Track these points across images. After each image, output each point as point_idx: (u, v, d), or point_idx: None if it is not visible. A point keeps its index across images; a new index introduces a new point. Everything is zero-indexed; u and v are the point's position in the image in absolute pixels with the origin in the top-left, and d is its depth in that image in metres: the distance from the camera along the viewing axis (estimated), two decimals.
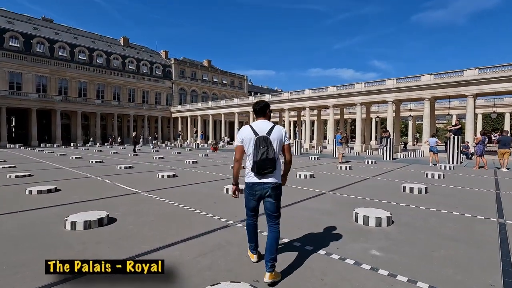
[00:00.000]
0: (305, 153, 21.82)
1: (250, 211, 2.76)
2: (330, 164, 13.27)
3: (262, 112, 2.71)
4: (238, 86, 64.53)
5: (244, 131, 2.66)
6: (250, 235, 2.85)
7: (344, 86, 29.11)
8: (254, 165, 2.53)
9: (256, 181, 2.58)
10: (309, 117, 32.36)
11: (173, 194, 6.14)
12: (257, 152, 2.50)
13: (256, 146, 2.52)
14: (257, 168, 2.51)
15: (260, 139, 2.53)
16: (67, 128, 41.19)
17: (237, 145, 2.67)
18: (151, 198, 5.68)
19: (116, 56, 47.43)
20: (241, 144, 2.64)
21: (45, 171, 9.98)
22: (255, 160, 2.51)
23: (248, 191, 2.66)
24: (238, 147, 2.67)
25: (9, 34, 37.39)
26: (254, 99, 37.50)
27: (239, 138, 2.66)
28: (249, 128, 2.65)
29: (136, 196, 5.88)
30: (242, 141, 2.64)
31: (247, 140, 2.60)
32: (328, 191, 6.61)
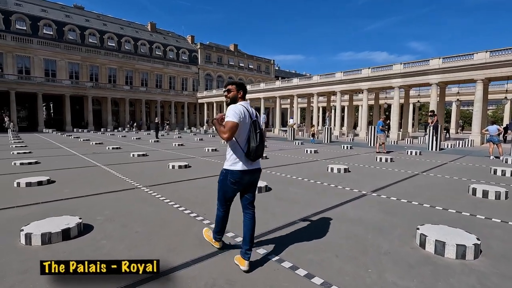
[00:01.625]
0: (336, 141, 20.08)
1: (227, 201, 2.56)
2: (365, 154, 11.63)
3: (246, 93, 2.57)
4: (264, 71, 62.63)
5: (241, 108, 2.38)
6: (221, 225, 2.63)
7: (380, 68, 26.45)
8: (252, 150, 2.36)
9: (246, 168, 2.41)
10: (339, 102, 30.11)
11: (177, 191, 5.11)
12: (255, 136, 2.37)
13: (254, 130, 2.39)
14: (255, 153, 2.37)
15: (256, 122, 2.43)
16: (99, 114, 42.47)
17: (234, 122, 2.27)
18: (149, 196, 4.69)
19: (144, 42, 47.58)
20: (238, 122, 2.29)
21: (56, 158, 9.51)
22: (255, 145, 2.35)
23: (236, 179, 2.42)
24: (234, 125, 2.28)
25: (43, 22, 38.54)
26: (281, 83, 35.76)
27: (237, 114, 2.30)
28: (242, 107, 2.41)
29: (133, 193, 4.92)
30: (239, 119, 2.31)
31: (246, 121, 2.37)
32: (369, 191, 5.21)
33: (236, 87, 2.50)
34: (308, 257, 2.64)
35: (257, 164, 2.49)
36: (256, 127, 2.39)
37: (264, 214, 3.81)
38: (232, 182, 2.43)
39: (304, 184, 5.74)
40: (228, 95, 2.51)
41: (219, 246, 2.74)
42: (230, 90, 2.50)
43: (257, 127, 2.40)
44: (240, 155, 2.40)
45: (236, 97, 2.47)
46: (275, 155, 10.79)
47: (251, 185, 2.52)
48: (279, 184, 5.65)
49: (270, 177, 6.41)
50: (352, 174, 6.94)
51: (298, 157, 10.21)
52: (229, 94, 2.50)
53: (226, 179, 2.46)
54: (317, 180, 6.14)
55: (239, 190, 2.50)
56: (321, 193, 5.08)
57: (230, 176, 2.42)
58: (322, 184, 5.78)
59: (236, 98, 2.47)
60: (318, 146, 15.09)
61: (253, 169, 2.44)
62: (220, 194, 2.57)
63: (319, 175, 6.78)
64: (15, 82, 33.97)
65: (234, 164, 2.41)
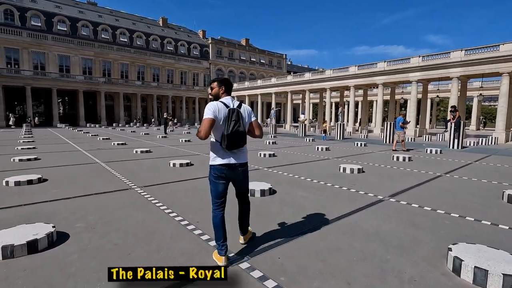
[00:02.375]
0: (349, 138, 19.30)
1: (218, 197, 2.51)
2: (381, 152, 10.92)
3: (230, 89, 2.53)
4: (276, 65, 61.68)
5: (218, 104, 2.36)
6: (219, 229, 2.44)
7: (397, 61, 25.29)
8: (224, 139, 2.32)
9: (226, 162, 2.41)
10: (353, 98, 29.09)
11: (173, 192, 4.69)
12: (229, 124, 2.31)
13: (227, 118, 2.32)
14: (228, 142, 2.31)
15: (232, 110, 2.34)
16: (111, 109, 42.93)
17: (207, 118, 2.28)
18: (142, 199, 4.28)
19: (155, 37, 47.57)
20: (213, 118, 2.29)
21: (59, 154, 9.31)
22: (226, 134, 2.30)
23: (217, 173, 2.44)
24: (207, 121, 2.28)
25: (57, 18, 39.01)
26: (293, 78, 34.93)
27: (210, 111, 2.31)
28: (220, 103, 2.39)
29: (125, 194, 4.53)
30: (215, 116, 2.31)
31: (221, 115, 2.33)
32: (387, 196, 4.63)
33: (218, 83, 2.48)
34: (314, 285, 2.13)
35: (237, 158, 2.44)
36: (231, 115, 2.32)
37: (265, 222, 3.32)
38: (214, 177, 2.45)
39: (313, 186, 5.20)
40: (211, 92, 2.50)
41: (223, 262, 2.35)
42: (212, 88, 2.50)
43: (232, 115, 2.32)
44: (217, 148, 2.41)
45: (219, 93, 2.46)
46: (284, 153, 10.25)
47: (235, 181, 2.55)
48: (285, 186, 5.13)
49: (276, 177, 5.91)
50: (366, 175, 6.34)
51: (308, 155, 9.64)
52: (212, 92, 2.50)
53: (210, 175, 2.49)
54: (328, 181, 5.59)
55: (224, 183, 2.48)
56: (332, 197, 4.54)
57: (212, 171, 2.45)
58: (333, 186, 5.22)
59: (219, 94, 2.46)
60: (330, 143, 14.42)
61: (231, 164, 2.42)
62: (211, 190, 2.53)
63: (330, 175, 6.21)
64: (31, 77, 34.65)
65: (214, 159, 2.44)
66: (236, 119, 2.33)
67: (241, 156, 2.48)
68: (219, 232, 2.43)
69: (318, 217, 3.59)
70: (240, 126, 2.34)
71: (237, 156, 2.45)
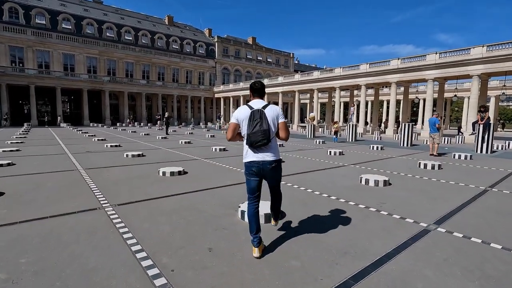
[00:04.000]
0: (361, 140, 18.04)
1: (251, 193, 2.67)
2: (402, 158, 9.72)
3: (260, 92, 2.70)
4: (283, 64, 60.46)
5: (241, 109, 2.63)
6: (254, 223, 2.59)
7: (412, 59, 23.87)
8: (247, 138, 2.53)
9: (254, 159, 2.57)
10: (364, 97, 27.76)
11: (153, 215, 3.64)
12: (251, 124, 2.51)
13: (250, 119, 2.51)
14: (250, 141, 2.51)
15: (255, 112, 2.53)
16: (116, 108, 42.40)
17: (231, 123, 2.60)
18: (107, 225, 3.25)
19: (161, 36, 46.88)
20: (236, 122, 2.59)
21: (39, 158, 8.39)
22: (248, 133, 2.51)
23: (248, 170, 2.63)
24: (231, 125, 2.60)
25: (62, 16, 38.59)
26: (301, 76, 33.72)
27: (234, 116, 2.61)
28: (245, 106, 2.62)
29: (89, 217, 3.51)
30: (237, 119, 2.59)
31: (243, 117, 2.56)
32: (432, 222, 3.50)
33: (250, 88, 2.73)
34: None
35: (264, 156, 2.57)
36: (254, 116, 2.50)
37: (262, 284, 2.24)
38: (246, 173, 2.66)
39: (330, 207, 4.10)
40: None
41: (257, 254, 2.54)
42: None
43: (255, 116, 2.50)
44: (246, 147, 2.61)
45: (250, 98, 2.72)
46: (292, 158, 9.15)
47: (266, 177, 2.65)
48: (295, 207, 4.05)
49: (285, 192, 4.81)
50: (395, 189, 5.20)
51: (320, 161, 8.51)
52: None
53: (244, 172, 2.69)
54: (349, 198, 4.48)
55: (256, 179, 2.62)
56: (359, 226, 3.43)
57: (245, 168, 2.67)
58: (357, 206, 4.11)
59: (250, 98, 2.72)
60: (342, 146, 13.25)
61: (259, 161, 2.56)
62: (246, 186, 2.71)
63: (351, 189, 5.10)
64: (35, 76, 34.23)
65: (245, 157, 2.64)
66: (258, 119, 2.49)
67: (268, 153, 2.58)
68: (252, 224, 2.60)
69: (344, 261, 2.50)
70: (261, 125, 2.48)
71: (265, 154, 2.57)
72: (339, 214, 3.75)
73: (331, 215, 3.72)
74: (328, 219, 3.57)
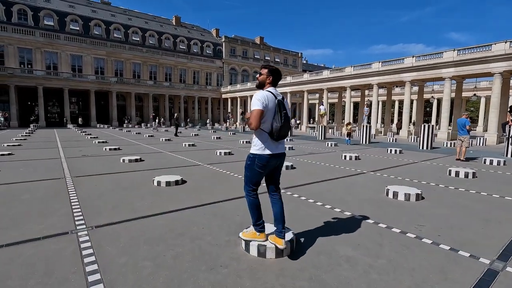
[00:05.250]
0: (375, 142, 17.06)
1: (256, 185, 2.62)
2: (426, 163, 8.79)
3: (277, 81, 2.58)
4: (292, 64, 59.54)
5: (267, 95, 2.42)
6: (258, 213, 2.65)
7: (427, 56, 22.69)
8: (275, 130, 2.41)
9: (272, 152, 2.50)
10: (376, 97, 26.65)
11: (133, 244, 2.91)
12: (281, 116, 2.41)
13: (278, 110, 2.42)
14: (279, 133, 2.43)
15: (281, 102, 2.45)
16: (123, 109, 42.25)
17: (258, 109, 2.35)
18: (72, 259, 2.53)
19: (168, 36, 46.62)
20: (262, 109, 2.37)
21: (28, 163, 7.81)
22: (279, 125, 2.40)
23: (263, 163, 2.50)
24: (258, 112, 2.35)
25: (70, 17, 38.63)
26: (310, 76, 32.80)
27: (260, 102, 2.36)
28: (269, 93, 2.45)
29: (54, 246, 2.80)
30: (265, 106, 2.38)
31: (271, 106, 2.42)
32: (495, 257, 2.67)
33: (267, 72, 2.51)
34: None
35: (282, 147, 2.60)
36: (281, 107, 2.43)
37: None
38: (259, 166, 2.51)
39: (354, 230, 3.30)
40: (258, 78, 2.55)
41: (264, 238, 2.66)
42: (260, 74, 2.53)
43: (282, 107, 2.44)
44: (265, 139, 2.47)
45: (265, 82, 2.51)
46: (304, 163, 8.34)
47: (276, 169, 2.66)
48: (314, 234, 3.26)
49: (297, 208, 4.04)
50: (430, 205, 4.35)
51: (335, 167, 7.69)
52: (259, 77, 2.54)
53: (253, 164, 2.52)
54: (376, 217, 3.68)
55: (265, 174, 2.61)
56: (399, 263, 2.62)
57: (258, 160, 2.50)
58: (390, 230, 3.29)
59: (264, 83, 2.51)
60: (356, 149, 12.36)
61: (278, 153, 2.56)
62: (247, 179, 2.61)
63: (376, 205, 4.28)
64: (43, 77, 34.28)
65: (263, 149, 2.48)
66: (285, 111, 2.45)
67: (283, 145, 2.63)
68: (259, 215, 2.63)
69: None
70: (288, 118, 2.47)
71: (282, 146, 2.61)
72: (368, 243, 2.95)
73: (358, 244, 2.91)
74: (351, 247, 2.77)
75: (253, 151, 2.54)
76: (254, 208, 2.63)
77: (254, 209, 2.63)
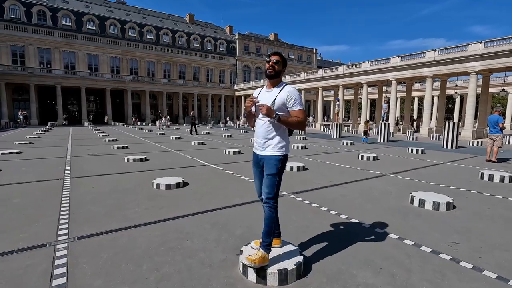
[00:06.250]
0: (394, 140, 16.18)
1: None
2: (453, 165, 8.03)
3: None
4: (306, 61, 58.42)
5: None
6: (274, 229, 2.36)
7: (451, 49, 21.38)
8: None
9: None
10: (395, 93, 25.49)
11: (116, 259, 2.53)
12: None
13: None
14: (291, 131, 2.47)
15: None
16: (138, 107, 42.76)
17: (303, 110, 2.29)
18: (34, 286, 2.16)
19: (181, 34, 46.73)
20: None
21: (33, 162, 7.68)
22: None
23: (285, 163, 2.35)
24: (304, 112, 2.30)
25: (87, 17, 39.34)
26: (324, 72, 31.88)
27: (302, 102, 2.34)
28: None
29: (22, 263, 2.47)
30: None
31: None
32: None
33: (282, 62, 2.32)
34: None
35: None
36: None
37: None
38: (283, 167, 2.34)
39: (375, 248, 2.78)
40: (276, 66, 2.27)
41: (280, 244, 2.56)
42: (278, 62, 2.29)
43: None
44: (288, 139, 2.37)
45: (281, 73, 2.32)
46: (318, 164, 7.80)
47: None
48: (323, 248, 2.77)
49: (305, 218, 3.55)
50: (464, 216, 3.75)
51: (351, 169, 7.10)
52: (277, 66, 2.28)
53: (282, 166, 2.30)
54: (401, 231, 3.14)
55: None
56: None
57: (284, 161, 2.32)
58: (419, 249, 2.75)
59: (280, 74, 2.32)
60: (375, 148, 11.65)
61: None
62: (276, 187, 2.28)
63: (399, 215, 3.72)
64: (61, 76, 35.07)
65: (287, 149, 2.34)
66: None
67: None
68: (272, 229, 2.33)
69: None
70: None
71: None
72: (393, 267, 2.42)
73: (380, 268, 2.40)
74: (377, 280, 2.26)
75: (280, 151, 2.27)
76: (274, 224, 2.32)
77: (273, 225, 2.32)
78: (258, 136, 2.35)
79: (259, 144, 2.35)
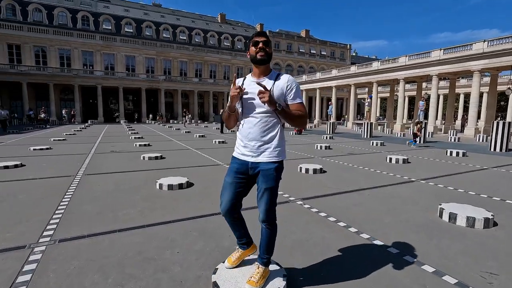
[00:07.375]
0: (433, 141, 14.76)
1: None
2: (500, 170, 6.96)
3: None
4: (339, 57, 56.30)
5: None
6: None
7: (503, 40, 19.04)
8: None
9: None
10: (436, 90, 23.41)
11: (84, 266, 2.34)
12: None
13: None
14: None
15: None
16: (171, 106, 44.28)
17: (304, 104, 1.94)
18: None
19: (213, 34, 47.46)
20: None
21: (57, 158, 8.01)
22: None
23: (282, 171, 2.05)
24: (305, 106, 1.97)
25: (125, 21, 41.52)
26: (357, 68, 30.30)
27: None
28: None
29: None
30: None
31: None
32: None
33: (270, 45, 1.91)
34: None
35: None
36: None
37: None
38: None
39: (387, 278, 2.28)
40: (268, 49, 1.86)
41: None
42: (268, 43, 1.86)
43: None
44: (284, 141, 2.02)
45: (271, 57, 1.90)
46: (337, 166, 7.20)
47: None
48: (321, 270, 2.33)
49: (306, 230, 3.10)
50: (506, 236, 3.05)
51: (375, 172, 6.42)
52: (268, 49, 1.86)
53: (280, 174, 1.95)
54: (422, 253, 2.60)
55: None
56: None
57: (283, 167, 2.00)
58: (440, 279, 2.20)
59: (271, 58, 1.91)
60: (406, 150, 10.65)
61: None
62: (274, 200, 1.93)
63: (424, 231, 3.13)
64: (101, 77, 37.41)
65: (285, 153, 1.99)
66: None
67: None
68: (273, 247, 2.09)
69: None
70: None
71: None
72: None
73: None
74: None
75: (278, 157, 1.92)
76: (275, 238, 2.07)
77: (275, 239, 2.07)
78: (249, 138, 1.91)
79: (251, 148, 1.91)
